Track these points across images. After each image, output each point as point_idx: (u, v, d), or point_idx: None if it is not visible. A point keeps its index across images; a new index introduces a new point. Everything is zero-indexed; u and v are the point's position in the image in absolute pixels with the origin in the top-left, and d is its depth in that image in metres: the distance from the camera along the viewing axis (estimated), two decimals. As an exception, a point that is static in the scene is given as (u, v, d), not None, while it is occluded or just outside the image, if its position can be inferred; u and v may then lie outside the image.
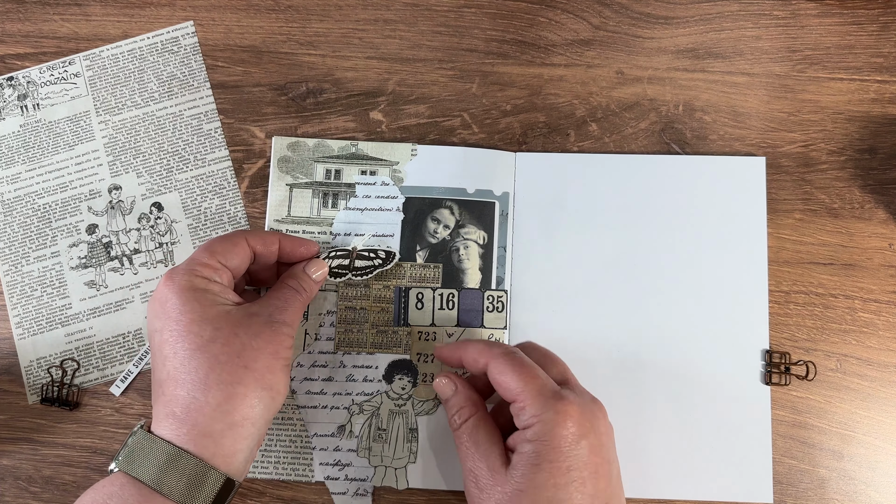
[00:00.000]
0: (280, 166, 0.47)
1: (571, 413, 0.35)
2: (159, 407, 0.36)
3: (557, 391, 0.36)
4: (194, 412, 0.35)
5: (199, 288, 0.37)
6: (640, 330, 0.45)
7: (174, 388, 0.35)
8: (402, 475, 0.44)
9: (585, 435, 0.35)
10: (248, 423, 0.36)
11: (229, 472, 0.35)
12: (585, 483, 0.35)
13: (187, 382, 0.35)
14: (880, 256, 0.46)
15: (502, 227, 0.46)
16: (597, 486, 0.35)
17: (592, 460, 0.35)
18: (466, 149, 0.47)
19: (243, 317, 0.37)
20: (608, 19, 0.49)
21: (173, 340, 0.36)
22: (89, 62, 0.48)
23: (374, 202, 0.47)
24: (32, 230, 0.47)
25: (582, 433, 0.35)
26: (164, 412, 0.35)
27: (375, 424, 0.44)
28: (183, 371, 0.35)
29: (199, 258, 0.39)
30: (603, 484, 0.35)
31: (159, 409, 0.36)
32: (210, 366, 0.35)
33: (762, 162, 0.47)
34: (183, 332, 0.36)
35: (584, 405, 0.36)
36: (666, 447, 0.44)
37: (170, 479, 0.34)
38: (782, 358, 0.44)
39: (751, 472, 0.44)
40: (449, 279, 0.46)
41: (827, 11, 0.49)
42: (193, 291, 0.37)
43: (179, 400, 0.35)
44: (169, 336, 0.36)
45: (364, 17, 0.49)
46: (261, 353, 0.37)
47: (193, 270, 0.38)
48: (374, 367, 0.45)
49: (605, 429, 0.37)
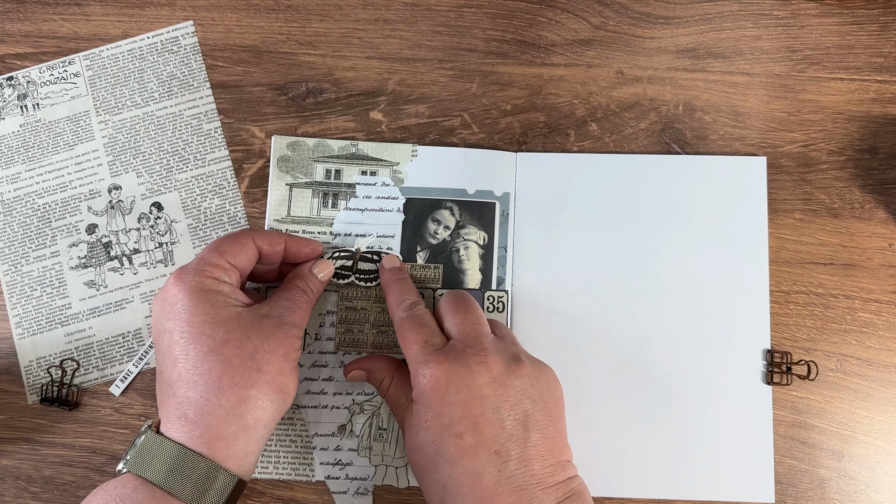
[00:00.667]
0: (280, 166, 0.47)
1: (437, 373, 0.37)
2: (169, 408, 0.36)
3: (431, 353, 0.38)
4: (207, 415, 0.35)
5: (210, 289, 0.37)
6: (641, 329, 0.45)
7: (186, 390, 0.35)
8: (402, 474, 0.44)
9: (457, 391, 0.36)
10: (261, 425, 0.36)
11: (240, 473, 0.35)
12: (463, 436, 0.35)
13: (200, 385, 0.35)
14: (880, 256, 0.46)
15: (503, 228, 0.46)
16: (479, 437, 0.35)
17: (469, 413, 0.36)
18: (467, 150, 0.47)
19: (254, 319, 0.37)
20: (608, 19, 0.49)
21: (185, 342, 0.36)
22: (89, 62, 0.48)
23: (374, 203, 0.47)
24: (32, 230, 0.47)
25: (452, 390, 0.36)
26: (176, 414, 0.35)
27: (376, 424, 0.44)
28: (195, 373, 0.35)
29: (209, 258, 0.39)
30: (489, 433, 0.35)
31: (169, 411, 0.36)
32: (223, 368, 0.35)
33: (763, 162, 0.47)
34: (195, 334, 0.36)
35: (453, 362, 0.37)
36: (667, 447, 0.44)
37: (182, 482, 0.34)
38: (783, 357, 0.44)
39: (752, 472, 0.44)
40: (449, 280, 0.46)
41: (827, 11, 0.49)
42: (205, 293, 0.37)
43: (192, 402, 0.35)
44: (180, 337, 0.36)
45: (364, 17, 0.49)
46: (273, 356, 0.37)
47: (203, 271, 0.38)
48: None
49: (485, 378, 0.37)
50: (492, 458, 0.35)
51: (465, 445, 0.35)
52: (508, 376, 0.37)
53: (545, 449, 0.36)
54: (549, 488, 0.35)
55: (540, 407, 0.37)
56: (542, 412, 0.37)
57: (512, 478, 0.35)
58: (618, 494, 0.44)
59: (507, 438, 0.36)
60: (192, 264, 0.38)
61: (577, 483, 0.37)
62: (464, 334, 0.39)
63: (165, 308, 0.37)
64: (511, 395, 0.37)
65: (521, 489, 0.35)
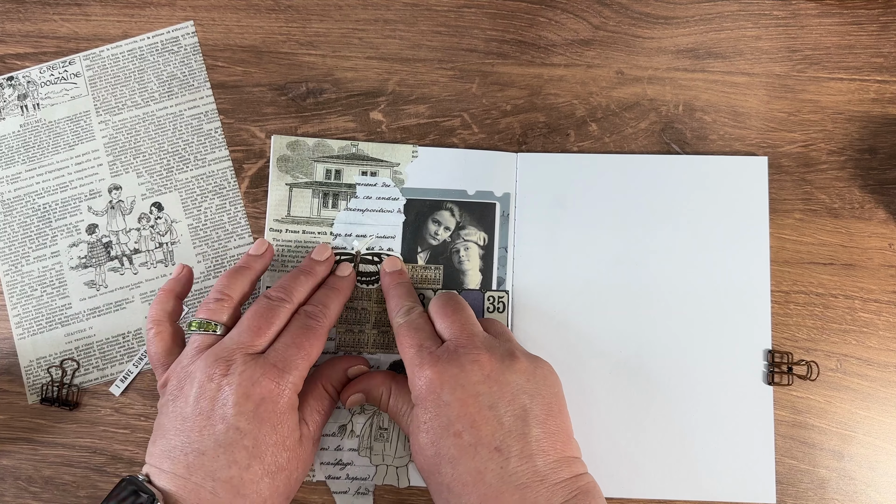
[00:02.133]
0: (279, 165, 0.47)
1: (431, 375, 0.37)
2: (197, 480, 0.35)
3: (425, 356, 0.38)
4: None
5: (295, 407, 0.38)
6: (641, 329, 0.45)
7: (228, 495, 0.35)
8: (403, 474, 0.44)
9: (452, 390, 0.36)
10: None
11: None
12: (461, 435, 0.36)
13: (248, 497, 0.36)
14: (880, 256, 0.46)
15: (503, 228, 0.46)
16: (478, 435, 0.35)
17: (466, 411, 0.36)
18: (467, 150, 0.47)
19: (301, 445, 0.38)
20: (608, 19, 0.49)
21: (254, 449, 0.36)
22: (89, 62, 0.48)
23: (374, 203, 0.47)
24: (32, 230, 0.47)
25: (446, 389, 0.36)
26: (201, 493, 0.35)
27: (377, 424, 0.44)
28: (245, 485, 0.36)
29: (303, 371, 0.39)
30: (487, 430, 0.36)
31: (196, 483, 0.35)
32: (270, 493, 0.36)
33: (764, 162, 0.47)
34: (271, 449, 0.37)
35: (446, 362, 0.37)
36: (668, 447, 0.44)
37: None
38: (784, 358, 0.44)
39: (753, 473, 0.44)
40: (450, 280, 0.46)
41: (827, 11, 0.49)
42: (294, 412, 0.38)
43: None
44: (251, 442, 0.36)
45: (364, 17, 0.49)
46: (301, 479, 0.39)
47: (296, 386, 0.38)
48: (375, 367, 0.45)
49: (479, 376, 0.37)
50: (492, 455, 0.35)
51: (465, 444, 0.35)
52: (503, 372, 0.37)
53: (547, 444, 0.36)
54: (555, 485, 0.35)
55: (538, 402, 0.37)
56: (540, 407, 0.37)
57: (515, 475, 0.35)
58: (618, 494, 0.44)
59: (506, 435, 0.35)
60: (296, 373, 0.38)
61: (585, 481, 0.36)
62: (455, 335, 0.39)
63: (263, 404, 0.37)
64: (506, 391, 0.36)
65: (525, 486, 0.34)
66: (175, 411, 0.37)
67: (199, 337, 0.39)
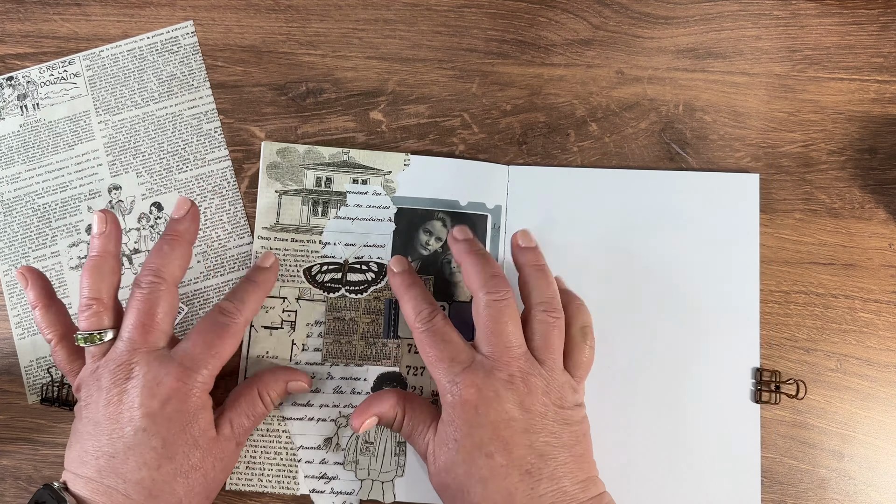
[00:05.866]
0: (269, 172, 0.46)
1: (466, 395, 0.37)
2: (109, 483, 0.36)
3: (459, 372, 0.38)
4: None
5: (207, 406, 0.38)
6: (631, 345, 0.45)
7: (140, 496, 0.36)
8: (388, 489, 0.43)
9: (486, 412, 0.36)
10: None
11: None
12: (494, 456, 0.36)
13: (160, 498, 0.36)
14: (880, 256, 0.46)
15: (494, 240, 0.46)
16: (510, 457, 0.36)
17: (499, 434, 0.36)
18: (459, 161, 0.47)
19: (217, 444, 0.38)
20: (608, 19, 0.49)
21: (163, 449, 0.36)
22: (89, 62, 0.48)
23: (365, 212, 0.46)
24: (32, 230, 0.47)
25: (481, 411, 0.36)
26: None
27: (363, 437, 0.44)
28: (157, 486, 0.36)
29: (213, 370, 0.38)
30: (518, 454, 0.36)
31: (108, 486, 0.36)
32: (185, 493, 0.37)
33: (756, 179, 0.46)
34: (182, 449, 0.37)
35: (482, 383, 0.37)
36: (655, 462, 0.44)
37: None
38: (773, 376, 0.44)
39: (739, 489, 0.43)
40: (440, 292, 0.45)
41: (827, 11, 0.49)
42: (206, 411, 0.38)
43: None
44: (159, 442, 0.36)
45: (364, 17, 0.49)
46: (221, 479, 0.40)
47: (206, 385, 0.38)
48: (362, 379, 0.44)
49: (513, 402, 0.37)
50: (523, 477, 0.36)
51: (496, 465, 0.36)
52: (537, 397, 0.37)
53: (574, 466, 0.37)
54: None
55: (567, 430, 0.38)
56: (569, 434, 0.38)
57: (543, 496, 0.36)
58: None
59: (536, 458, 0.36)
60: (205, 372, 0.38)
61: (606, 500, 0.37)
62: (493, 354, 0.38)
63: (170, 402, 0.37)
64: (538, 417, 0.37)
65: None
66: (87, 416, 0.37)
67: (93, 347, 0.38)
